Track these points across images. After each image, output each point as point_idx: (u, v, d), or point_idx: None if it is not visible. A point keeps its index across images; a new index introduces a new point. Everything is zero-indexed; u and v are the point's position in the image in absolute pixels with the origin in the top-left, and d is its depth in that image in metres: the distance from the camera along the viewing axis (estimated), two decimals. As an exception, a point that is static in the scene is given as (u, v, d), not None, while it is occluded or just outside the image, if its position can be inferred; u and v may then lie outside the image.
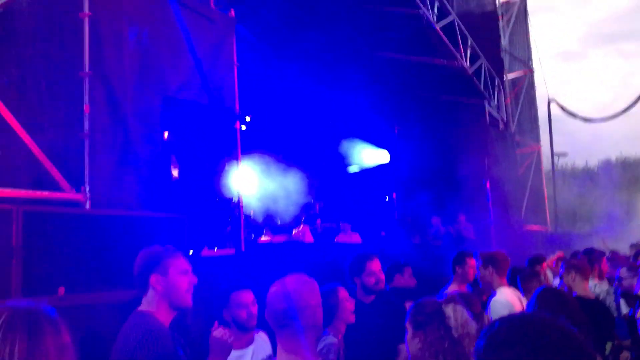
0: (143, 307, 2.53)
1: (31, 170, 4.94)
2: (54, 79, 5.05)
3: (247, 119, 6.48)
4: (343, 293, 3.63)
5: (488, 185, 12.77)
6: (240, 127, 6.55)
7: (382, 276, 4.18)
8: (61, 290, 3.66)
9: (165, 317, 2.52)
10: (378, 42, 12.26)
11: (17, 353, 1.43)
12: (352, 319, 3.58)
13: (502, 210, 13.20)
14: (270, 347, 3.24)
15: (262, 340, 3.31)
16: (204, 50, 6.18)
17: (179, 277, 2.57)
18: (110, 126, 5.13)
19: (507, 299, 4.19)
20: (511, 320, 1.17)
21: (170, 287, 2.54)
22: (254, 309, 3.24)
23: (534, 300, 2.99)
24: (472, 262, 5.11)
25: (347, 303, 3.59)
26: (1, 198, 4.79)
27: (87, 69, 4.85)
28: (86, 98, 4.83)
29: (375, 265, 4.15)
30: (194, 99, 6.04)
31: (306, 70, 13.12)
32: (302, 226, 10.31)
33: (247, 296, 3.30)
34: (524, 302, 4.27)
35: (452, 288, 4.94)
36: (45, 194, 4.68)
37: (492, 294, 4.40)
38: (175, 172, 12.12)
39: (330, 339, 3.49)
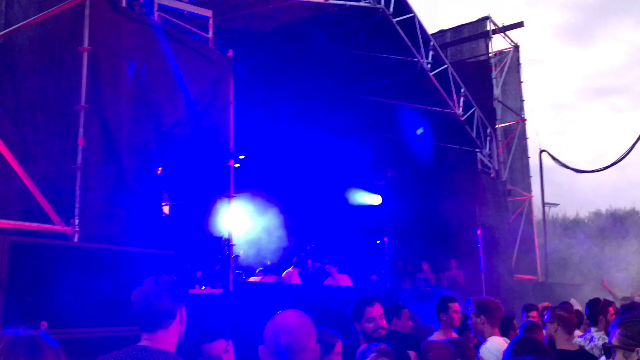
0: (156, 345, 2.38)
1: (21, 201, 4.91)
2: (51, 111, 5.08)
3: (241, 157, 6.51)
4: (339, 346, 3.50)
5: (479, 232, 12.76)
6: (234, 165, 6.55)
7: (383, 322, 4.07)
8: (43, 325, 3.57)
9: (174, 351, 2.44)
10: (372, 86, 12.47)
11: None
12: None
13: (493, 258, 13.16)
14: None
15: None
16: (201, 87, 6.24)
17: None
18: (103, 160, 5.12)
19: (496, 347, 4.13)
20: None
21: (184, 321, 2.50)
22: (227, 357, 3.12)
23: (510, 347, 2.96)
24: (455, 306, 5.06)
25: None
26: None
27: (83, 102, 4.87)
28: (81, 131, 4.84)
29: (375, 310, 4.06)
30: (188, 135, 6.06)
31: (299, 111, 13.28)
32: (291, 268, 10.23)
33: (219, 346, 3.18)
34: None
35: (438, 335, 4.87)
36: (33, 225, 4.63)
37: (482, 342, 4.34)
38: (166, 209, 12.08)
39: None
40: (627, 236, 29.03)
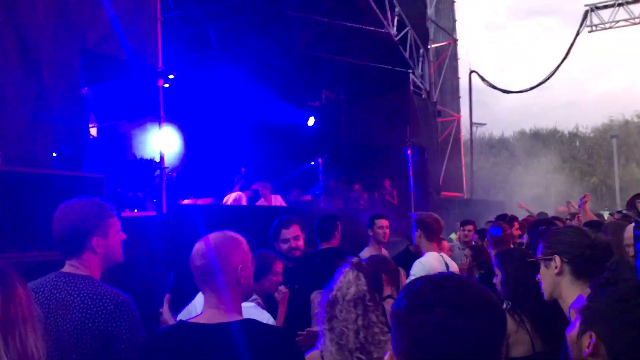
0: (78, 270, 2.32)
1: None
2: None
3: (171, 76, 6.27)
4: (278, 266, 3.55)
5: (409, 152, 13.08)
6: (163, 85, 6.32)
7: (298, 243, 4.02)
8: (-32, 251, 3.46)
9: (98, 277, 2.41)
10: (306, 3, 12.16)
11: None
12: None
13: (422, 177, 13.60)
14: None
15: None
16: (126, 2, 5.89)
17: (116, 237, 2.47)
18: (21, 75, 4.80)
19: (429, 262, 4.24)
20: (431, 280, 1.17)
21: (109, 248, 2.41)
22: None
23: None
24: (381, 222, 5.17)
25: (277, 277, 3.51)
26: None
27: (-4, 15, 4.51)
28: (-5, 47, 4.51)
29: (290, 232, 4.03)
30: (113, 54, 5.76)
31: (231, 27, 12.86)
32: (235, 191, 10.19)
33: None
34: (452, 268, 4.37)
35: (368, 251, 5.01)
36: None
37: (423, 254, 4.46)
38: (94, 131, 11.66)
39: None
40: (549, 154, 30.65)
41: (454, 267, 4.40)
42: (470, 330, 1.09)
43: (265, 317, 2.93)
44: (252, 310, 2.93)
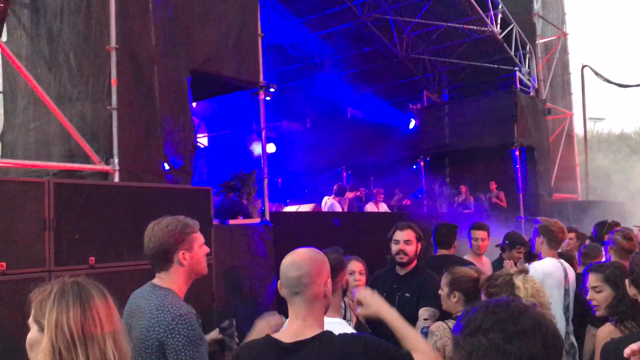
0: (163, 283, 2.55)
1: (63, 144, 5.12)
2: (83, 53, 5.17)
3: (272, 89, 6.54)
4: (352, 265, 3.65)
5: (517, 153, 12.63)
6: (265, 98, 6.60)
7: (406, 247, 3.98)
8: (91, 260, 3.83)
9: (183, 290, 2.60)
10: (405, 9, 12.13)
11: (72, 318, 1.65)
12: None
13: (531, 178, 13.09)
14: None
15: None
16: (229, 21, 6.21)
17: (200, 250, 2.65)
18: (136, 99, 5.23)
19: (543, 268, 4.11)
20: (487, 305, 1.20)
21: (194, 261, 2.61)
22: None
23: None
24: (476, 234, 5.07)
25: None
26: (35, 170, 5.00)
27: (113, 43, 4.94)
28: (113, 72, 4.93)
29: (404, 235, 4.02)
30: (218, 72, 6.10)
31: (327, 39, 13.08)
32: (333, 196, 10.37)
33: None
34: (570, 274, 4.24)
35: (468, 258, 4.95)
36: (75, 166, 4.86)
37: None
38: (204, 140, 12.30)
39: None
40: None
41: (571, 273, 4.25)
42: (524, 355, 1.11)
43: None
44: (338, 325, 3.02)
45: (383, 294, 3.96)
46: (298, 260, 2.09)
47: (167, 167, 5.64)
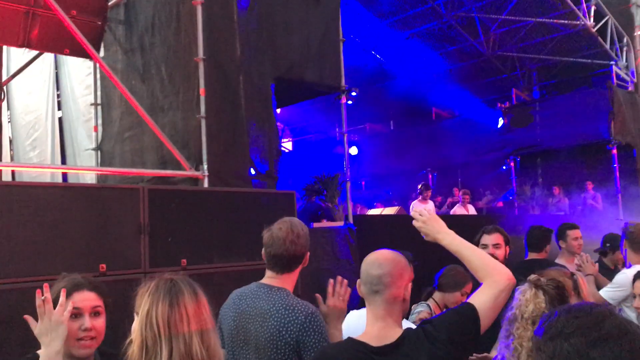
0: (278, 283, 2.60)
1: (155, 152, 5.40)
2: (173, 64, 5.44)
3: (354, 93, 6.59)
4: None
5: (615, 151, 11.94)
6: (347, 102, 6.65)
7: (498, 252, 3.85)
8: (183, 262, 4.01)
9: (292, 289, 2.66)
10: (490, 5, 11.81)
11: (160, 311, 1.76)
12: None
13: (631, 179, 12.32)
14: None
15: None
16: (311, 27, 6.32)
17: None
18: (224, 108, 5.42)
19: (628, 276, 3.92)
20: (570, 310, 1.20)
21: (306, 261, 2.70)
22: None
23: None
24: (574, 234, 4.84)
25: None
26: (130, 177, 5.31)
27: (201, 54, 5.15)
28: (202, 82, 5.14)
29: (492, 239, 3.94)
30: (300, 78, 6.22)
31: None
32: (420, 198, 10.27)
33: None
34: None
35: (560, 262, 4.75)
36: (168, 173, 5.11)
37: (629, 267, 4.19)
38: (289, 145, 12.50)
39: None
40: None
41: None
42: None
43: None
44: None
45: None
46: (381, 259, 2.08)
47: (253, 172, 5.81)
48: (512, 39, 13.14)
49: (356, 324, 2.30)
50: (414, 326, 2.17)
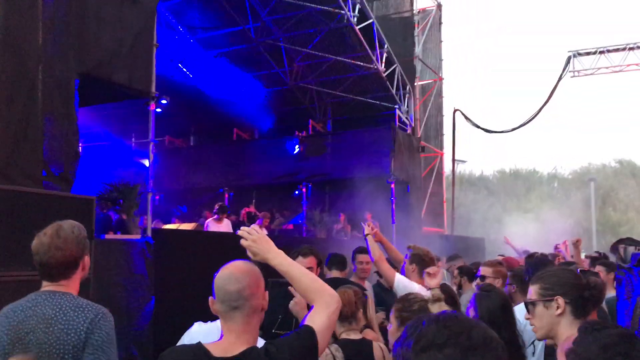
0: (63, 289, 2.42)
1: None
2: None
3: (164, 101, 6.35)
4: None
5: (392, 185, 13.21)
6: (156, 110, 6.39)
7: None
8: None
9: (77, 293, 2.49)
10: (298, 38, 12.40)
11: None
12: None
13: (404, 211, 13.70)
14: None
15: None
16: (124, 27, 5.98)
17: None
18: (14, 97, 4.83)
19: (405, 283, 4.29)
20: (437, 319, 1.19)
21: (88, 266, 2.56)
22: None
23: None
24: (361, 257, 5.25)
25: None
26: None
27: (-4, 34, 4.56)
28: (-7, 66, 4.54)
29: (307, 262, 4.04)
30: (110, 78, 5.83)
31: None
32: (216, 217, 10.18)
33: None
34: None
35: (354, 279, 5.10)
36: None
37: None
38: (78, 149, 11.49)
39: None
40: (528, 194, 31.06)
41: None
42: None
43: None
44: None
45: (279, 316, 3.95)
46: (236, 273, 2.00)
47: (44, 173, 5.25)
48: (314, 72, 13.92)
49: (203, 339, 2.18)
50: None
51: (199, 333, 2.65)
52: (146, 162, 12.36)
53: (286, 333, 2.10)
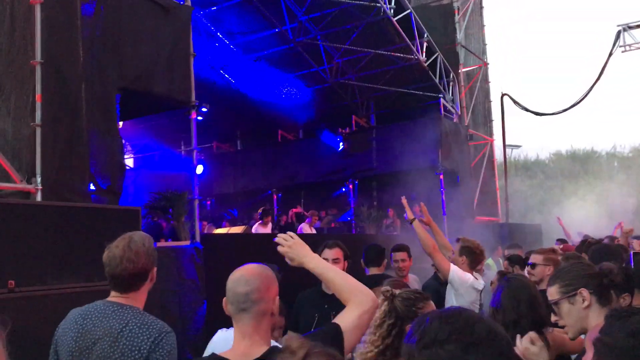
0: (128, 301, 2.47)
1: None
2: (6, 66, 4.93)
3: (204, 109, 6.47)
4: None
5: (441, 176, 13.04)
6: (197, 118, 6.51)
7: (337, 266, 4.05)
8: (11, 283, 3.61)
9: (143, 307, 2.54)
10: (335, 34, 12.37)
11: None
12: None
13: (455, 202, 13.51)
14: None
15: None
16: (161, 40, 6.12)
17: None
18: (61, 116, 5.02)
19: (460, 275, 4.28)
20: (440, 315, 1.18)
21: (154, 277, 2.61)
22: None
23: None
24: (397, 255, 5.21)
25: None
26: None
27: (38, 57, 4.75)
28: (38, 87, 4.73)
29: (332, 253, 4.11)
30: (150, 90, 5.98)
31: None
32: (261, 222, 10.30)
33: None
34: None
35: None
36: (-6, 185, 4.59)
37: None
38: (130, 162, 11.91)
39: None
40: (586, 176, 29.99)
41: None
42: None
43: None
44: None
45: (315, 314, 3.97)
46: (247, 275, 2.03)
47: (92, 187, 5.44)
48: (353, 68, 13.88)
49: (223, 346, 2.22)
50: None
51: (221, 340, 2.72)
52: (199, 169, 12.74)
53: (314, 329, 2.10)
